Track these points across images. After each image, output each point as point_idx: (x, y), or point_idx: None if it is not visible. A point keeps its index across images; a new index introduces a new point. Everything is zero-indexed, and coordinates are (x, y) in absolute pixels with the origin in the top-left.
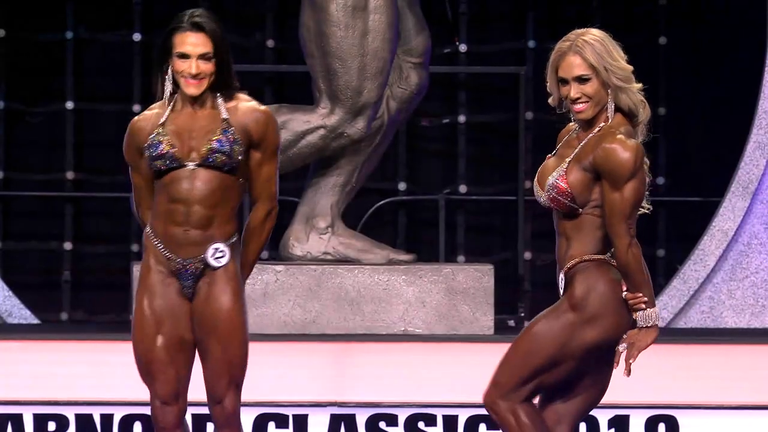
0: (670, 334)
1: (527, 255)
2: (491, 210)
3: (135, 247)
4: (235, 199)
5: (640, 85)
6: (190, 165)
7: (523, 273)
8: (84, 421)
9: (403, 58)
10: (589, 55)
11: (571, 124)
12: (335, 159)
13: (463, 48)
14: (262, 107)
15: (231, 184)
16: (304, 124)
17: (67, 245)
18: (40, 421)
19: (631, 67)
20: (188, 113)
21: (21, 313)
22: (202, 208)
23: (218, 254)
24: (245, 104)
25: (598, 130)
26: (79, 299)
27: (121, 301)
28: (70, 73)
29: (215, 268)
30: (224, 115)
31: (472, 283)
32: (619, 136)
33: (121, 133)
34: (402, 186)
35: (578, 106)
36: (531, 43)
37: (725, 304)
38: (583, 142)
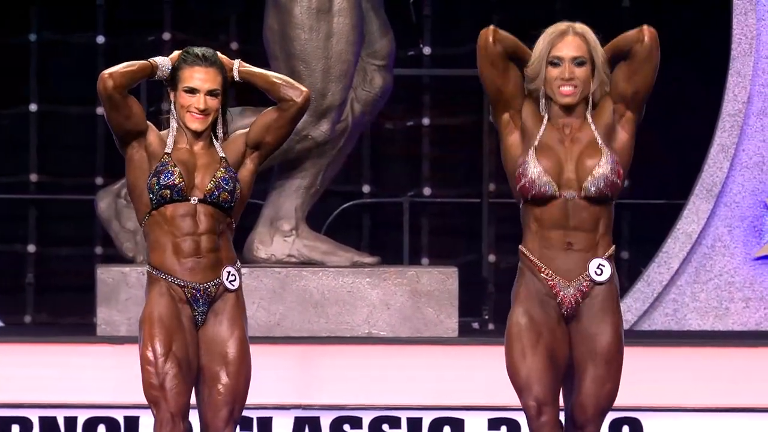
0: (634, 337)
1: (491, 257)
2: (455, 212)
3: (99, 250)
4: (231, 235)
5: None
6: (193, 200)
7: (487, 275)
8: (48, 423)
9: (367, 60)
10: (590, 40)
11: None
12: (299, 161)
13: (427, 50)
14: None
15: (227, 224)
16: None
17: (31, 248)
18: (4, 423)
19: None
20: (186, 149)
21: None
22: (209, 236)
23: (231, 277)
24: (229, 137)
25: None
26: (43, 302)
27: (85, 303)
28: (33, 75)
29: (230, 291)
30: (221, 153)
31: (437, 285)
32: None
33: (84, 135)
34: (366, 188)
35: (567, 89)
36: None
37: (689, 307)
38: (591, 122)
